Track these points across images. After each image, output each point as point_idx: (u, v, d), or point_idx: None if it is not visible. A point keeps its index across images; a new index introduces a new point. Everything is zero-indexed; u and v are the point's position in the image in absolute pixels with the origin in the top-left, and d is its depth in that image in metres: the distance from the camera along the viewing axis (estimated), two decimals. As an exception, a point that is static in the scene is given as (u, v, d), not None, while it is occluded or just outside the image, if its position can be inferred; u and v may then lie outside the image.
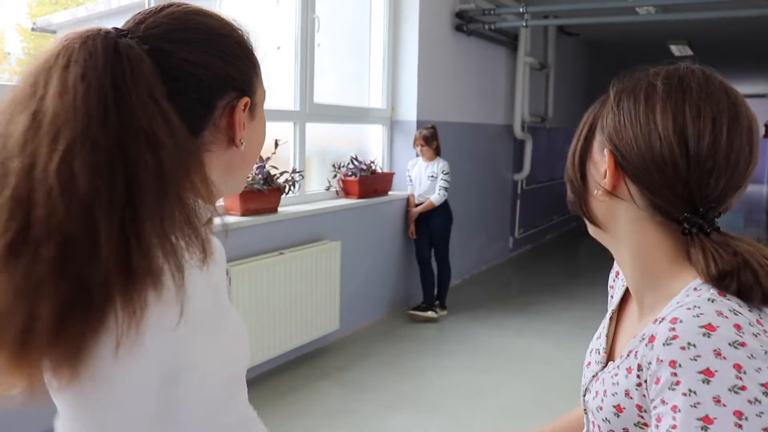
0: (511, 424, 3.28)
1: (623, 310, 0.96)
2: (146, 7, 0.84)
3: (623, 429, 0.78)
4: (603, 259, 1.00)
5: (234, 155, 0.82)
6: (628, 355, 0.78)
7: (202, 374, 0.76)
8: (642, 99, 0.79)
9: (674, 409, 0.66)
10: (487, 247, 6.79)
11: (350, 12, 5.19)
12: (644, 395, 0.73)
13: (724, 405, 0.63)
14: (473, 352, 4.31)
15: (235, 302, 3.33)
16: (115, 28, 0.76)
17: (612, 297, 1.01)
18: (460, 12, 5.71)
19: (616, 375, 0.80)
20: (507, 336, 4.66)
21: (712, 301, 0.70)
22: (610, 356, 0.91)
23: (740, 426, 0.62)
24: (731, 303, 0.71)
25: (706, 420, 0.64)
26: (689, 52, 9.43)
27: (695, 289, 0.74)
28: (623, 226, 0.83)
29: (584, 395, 0.91)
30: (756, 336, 0.67)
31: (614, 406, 0.78)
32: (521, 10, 5.82)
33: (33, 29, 3.47)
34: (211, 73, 0.77)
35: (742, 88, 17.50)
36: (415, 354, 4.23)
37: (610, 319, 0.96)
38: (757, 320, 0.70)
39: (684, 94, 0.77)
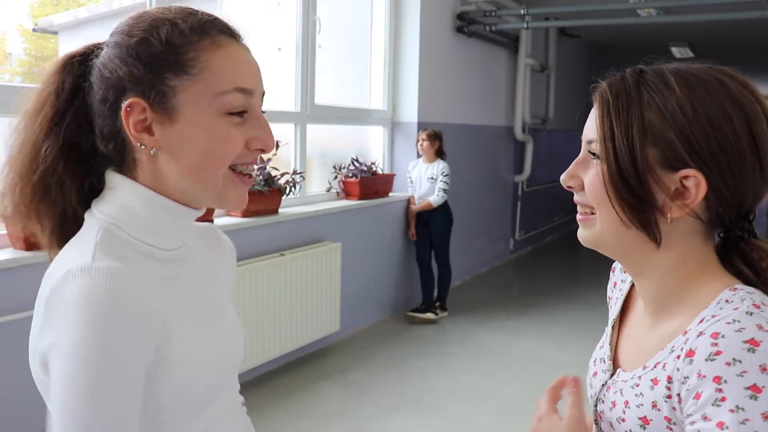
0: (512, 425, 3.28)
1: (624, 318, 0.94)
2: (147, 8, 0.85)
3: None
4: (603, 261, 1.00)
5: (159, 163, 0.80)
6: (655, 367, 0.77)
7: (188, 366, 0.79)
8: (706, 92, 0.75)
9: (720, 425, 0.65)
10: (488, 248, 6.79)
11: (351, 13, 5.19)
12: (674, 408, 0.72)
13: None
14: (474, 353, 4.31)
15: (236, 303, 3.32)
16: (95, 45, 0.84)
17: (611, 307, 1.00)
18: (461, 14, 5.71)
19: (638, 386, 0.79)
20: (507, 337, 4.66)
21: (750, 314, 0.70)
22: (615, 364, 0.89)
23: None
24: (766, 313, 0.70)
25: None
26: (690, 54, 9.44)
27: (727, 301, 0.74)
28: (672, 240, 0.79)
29: (595, 405, 0.89)
30: None
31: (640, 418, 0.77)
32: (522, 11, 5.83)
33: (34, 30, 3.48)
34: (107, 73, 0.79)
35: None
36: (415, 355, 4.23)
37: (612, 327, 0.95)
38: None
39: (739, 89, 0.76)
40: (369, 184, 4.67)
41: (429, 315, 4.92)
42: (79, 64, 0.82)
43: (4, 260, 2.36)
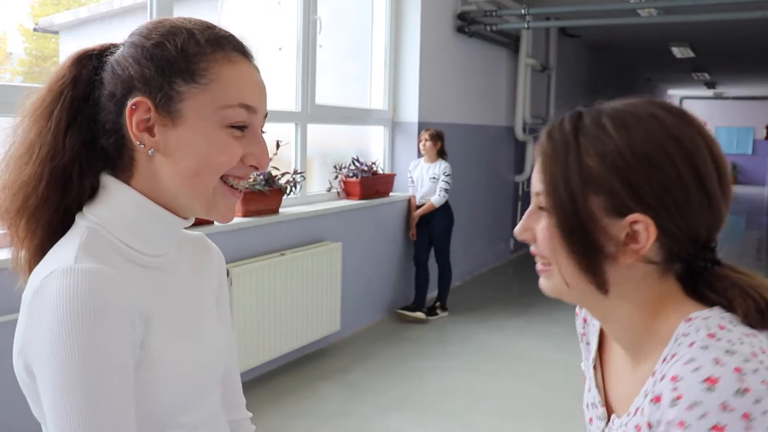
0: (512, 425, 3.28)
1: (605, 356, 0.93)
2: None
3: None
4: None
5: (155, 165, 0.82)
6: (635, 413, 0.76)
7: (162, 373, 0.79)
8: (644, 132, 0.74)
9: None
10: (489, 248, 6.79)
11: (352, 13, 5.19)
12: None
13: None
14: (474, 353, 4.31)
15: (236, 303, 3.33)
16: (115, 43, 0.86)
17: (588, 344, 0.98)
18: (462, 13, 5.71)
19: None
20: (508, 337, 4.66)
21: (706, 348, 0.69)
22: (608, 407, 0.88)
23: None
24: (723, 343, 0.69)
25: None
26: (691, 54, 9.43)
27: (684, 334, 0.73)
28: (630, 285, 0.78)
29: None
30: (756, 372, 0.66)
31: None
32: (523, 11, 5.83)
33: (35, 29, 3.48)
34: (120, 71, 0.81)
35: (743, 90, 17.50)
36: (415, 355, 4.23)
37: (594, 368, 0.93)
38: (762, 348, 0.70)
39: (674, 123, 0.76)
40: (369, 184, 4.67)
41: (419, 314, 4.92)
42: (95, 58, 0.84)
43: (4, 260, 2.36)
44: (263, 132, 0.87)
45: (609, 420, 0.86)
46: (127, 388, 0.73)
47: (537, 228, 0.81)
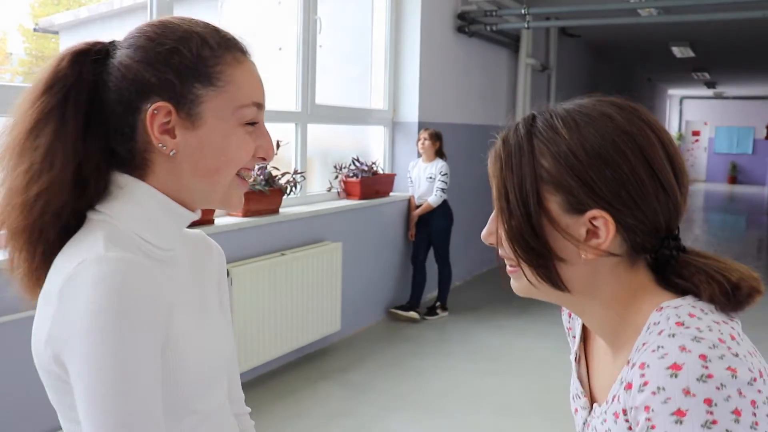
0: (512, 425, 3.28)
1: (588, 348, 0.95)
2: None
3: None
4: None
5: (175, 164, 0.85)
6: (613, 400, 0.78)
7: (185, 357, 0.82)
8: (594, 130, 0.76)
9: None
10: (488, 248, 6.75)
11: (352, 13, 5.19)
12: None
13: None
14: (474, 353, 4.31)
15: (236, 303, 3.33)
16: (111, 42, 0.87)
17: (574, 337, 1.00)
18: (462, 13, 5.71)
19: (605, 421, 0.80)
20: (508, 337, 4.66)
21: (673, 336, 0.71)
22: (593, 398, 0.90)
23: None
24: (691, 330, 0.71)
25: None
26: (691, 54, 9.43)
27: (655, 323, 0.75)
28: (598, 279, 0.80)
29: None
30: (722, 358, 0.67)
31: None
32: (523, 11, 5.83)
33: (35, 30, 3.48)
34: (131, 75, 0.82)
35: (743, 90, 17.49)
36: (415, 355, 4.23)
37: (578, 360, 0.96)
38: (731, 335, 0.71)
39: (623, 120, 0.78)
40: (370, 183, 4.68)
41: (412, 314, 4.92)
42: (91, 58, 0.84)
43: (4, 260, 2.36)
44: None
45: (591, 409, 0.88)
46: (158, 374, 0.76)
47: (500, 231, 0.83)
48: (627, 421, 0.74)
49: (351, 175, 4.65)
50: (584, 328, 0.97)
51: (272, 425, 3.19)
